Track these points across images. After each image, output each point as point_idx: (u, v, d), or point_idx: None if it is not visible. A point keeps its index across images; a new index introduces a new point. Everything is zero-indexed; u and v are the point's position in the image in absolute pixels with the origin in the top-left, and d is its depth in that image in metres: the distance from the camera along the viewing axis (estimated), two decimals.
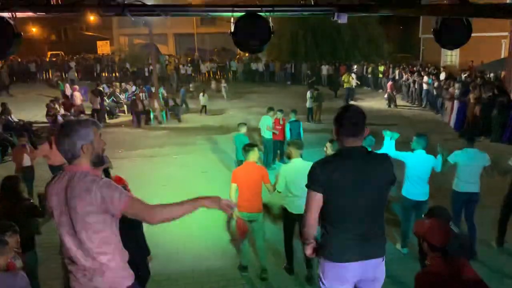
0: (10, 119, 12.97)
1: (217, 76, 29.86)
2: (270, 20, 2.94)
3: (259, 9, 2.92)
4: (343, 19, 3.10)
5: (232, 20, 2.92)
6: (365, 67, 25.76)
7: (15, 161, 8.15)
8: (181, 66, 28.44)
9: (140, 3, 2.65)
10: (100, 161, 2.59)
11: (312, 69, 25.90)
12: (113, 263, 2.57)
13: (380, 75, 24.38)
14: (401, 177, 5.53)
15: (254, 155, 5.34)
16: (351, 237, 2.74)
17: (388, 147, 5.34)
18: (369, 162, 2.75)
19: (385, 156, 2.89)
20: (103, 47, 32.67)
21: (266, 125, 10.12)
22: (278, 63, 28.84)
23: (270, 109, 10.32)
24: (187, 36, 39.87)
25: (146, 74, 26.84)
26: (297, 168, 4.99)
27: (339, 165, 2.73)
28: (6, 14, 2.59)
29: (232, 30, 2.94)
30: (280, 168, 5.45)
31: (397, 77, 22.48)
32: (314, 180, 2.75)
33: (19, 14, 2.63)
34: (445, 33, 3.32)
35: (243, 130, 8.76)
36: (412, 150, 5.68)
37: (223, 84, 20.98)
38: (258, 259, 5.65)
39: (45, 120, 15.40)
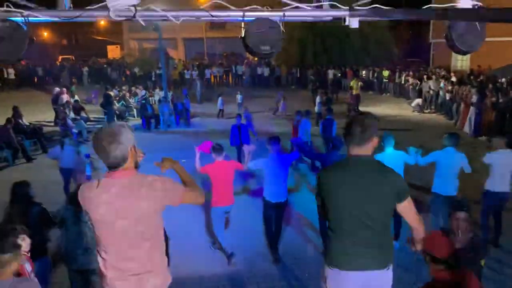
0: (21, 122, 13.08)
1: (224, 80, 30.04)
2: (281, 25, 2.93)
3: (270, 14, 2.92)
4: (354, 23, 3.09)
5: (242, 25, 2.92)
6: (371, 72, 25.79)
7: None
8: (185, 71, 28.65)
9: (152, 8, 2.67)
10: (137, 164, 2.61)
11: (318, 74, 25.83)
12: (164, 261, 2.64)
13: (385, 80, 24.44)
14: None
15: (222, 154, 5.97)
16: (350, 246, 2.74)
17: (416, 158, 6.00)
18: (372, 173, 2.72)
19: (391, 171, 2.80)
20: (113, 52, 32.97)
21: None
22: (284, 68, 28.81)
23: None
24: (197, 41, 40.06)
25: (153, 78, 27.11)
26: (276, 160, 5.76)
27: (340, 174, 2.76)
28: (19, 19, 2.61)
29: (243, 35, 2.93)
30: (262, 161, 5.92)
31: (402, 82, 22.55)
32: (316, 188, 2.90)
33: (32, 19, 2.66)
34: (457, 38, 3.27)
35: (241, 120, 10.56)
36: (442, 147, 6.00)
37: (281, 100, 18.66)
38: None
39: (52, 123, 15.69)
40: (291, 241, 6.62)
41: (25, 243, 3.79)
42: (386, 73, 24.54)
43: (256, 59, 34.03)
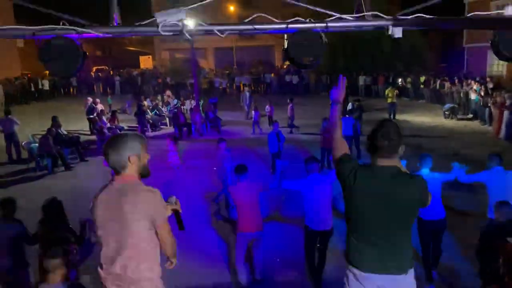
0: (60, 132, 13.52)
1: (252, 88, 30.18)
2: (323, 35, 2.95)
3: (313, 25, 2.94)
4: (398, 33, 3.07)
5: (285, 36, 2.96)
6: (402, 78, 25.37)
7: None
8: (215, 80, 29.04)
9: (199, 23, 2.75)
10: (147, 173, 2.72)
11: (348, 80, 25.57)
12: (151, 274, 2.66)
13: (422, 86, 23.97)
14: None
15: (245, 175, 5.50)
16: (371, 249, 2.78)
17: (459, 174, 5.43)
18: (396, 183, 2.71)
19: (417, 177, 2.81)
20: (145, 62, 33.70)
21: None
22: (313, 75, 28.65)
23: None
24: (226, 50, 40.52)
25: (188, 87, 27.74)
26: (315, 183, 5.24)
27: (364, 181, 2.74)
28: (73, 36, 2.74)
29: (285, 46, 2.97)
30: (300, 183, 5.45)
31: (437, 87, 22.11)
32: (345, 166, 2.83)
33: (85, 35, 2.78)
34: (504, 45, 3.21)
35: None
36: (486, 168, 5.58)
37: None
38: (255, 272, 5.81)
39: (87, 132, 16.18)
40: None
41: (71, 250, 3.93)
42: (422, 78, 24.12)
43: (284, 67, 34.16)
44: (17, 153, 13.05)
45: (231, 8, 35.83)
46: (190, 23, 2.74)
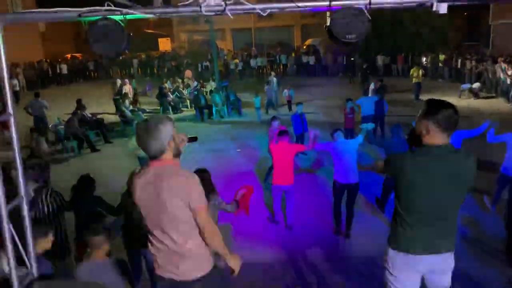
0: (85, 114, 13.71)
1: (267, 70, 29.78)
2: (366, 12, 2.90)
3: (356, 2, 2.90)
4: (442, 9, 3.01)
5: (328, 14, 2.93)
6: (424, 58, 24.86)
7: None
8: (230, 61, 28.80)
9: (241, 1, 2.74)
10: (179, 153, 2.80)
11: (367, 60, 25.15)
12: (200, 250, 2.74)
13: (441, 64, 23.47)
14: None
15: (286, 137, 6.38)
16: (425, 230, 2.78)
17: (489, 133, 6.24)
18: (453, 161, 2.72)
19: (470, 154, 2.81)
20: (164, 44, 33.68)
21: None
22: (330, 55, 28.20)
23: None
24: (245, 31, 40.13)
25: (199, 69, 27.59)
26: (342, 145, 6.12)
27: (420, 162, 2.72)
28: (118, 17, 2.76)
29: (328, 23, 2.94)
30: (330, 145, 6.35)
31: (459, 66, 21.61)
32: (390, 171, 2.91)
33: (129, 16, 2.80)
34: None
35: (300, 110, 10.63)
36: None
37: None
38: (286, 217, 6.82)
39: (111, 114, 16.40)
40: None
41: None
42: (442, 57, 23.59)
43: (304, 47, 33.71)
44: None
45: None
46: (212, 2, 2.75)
